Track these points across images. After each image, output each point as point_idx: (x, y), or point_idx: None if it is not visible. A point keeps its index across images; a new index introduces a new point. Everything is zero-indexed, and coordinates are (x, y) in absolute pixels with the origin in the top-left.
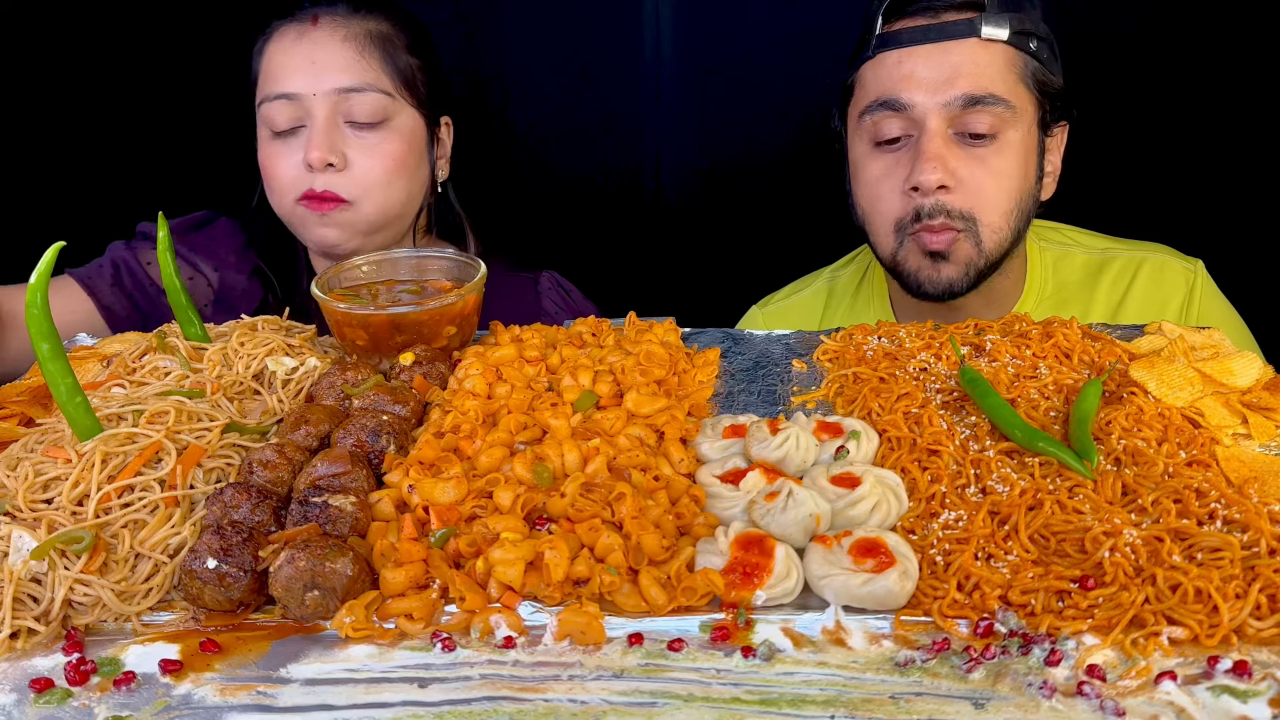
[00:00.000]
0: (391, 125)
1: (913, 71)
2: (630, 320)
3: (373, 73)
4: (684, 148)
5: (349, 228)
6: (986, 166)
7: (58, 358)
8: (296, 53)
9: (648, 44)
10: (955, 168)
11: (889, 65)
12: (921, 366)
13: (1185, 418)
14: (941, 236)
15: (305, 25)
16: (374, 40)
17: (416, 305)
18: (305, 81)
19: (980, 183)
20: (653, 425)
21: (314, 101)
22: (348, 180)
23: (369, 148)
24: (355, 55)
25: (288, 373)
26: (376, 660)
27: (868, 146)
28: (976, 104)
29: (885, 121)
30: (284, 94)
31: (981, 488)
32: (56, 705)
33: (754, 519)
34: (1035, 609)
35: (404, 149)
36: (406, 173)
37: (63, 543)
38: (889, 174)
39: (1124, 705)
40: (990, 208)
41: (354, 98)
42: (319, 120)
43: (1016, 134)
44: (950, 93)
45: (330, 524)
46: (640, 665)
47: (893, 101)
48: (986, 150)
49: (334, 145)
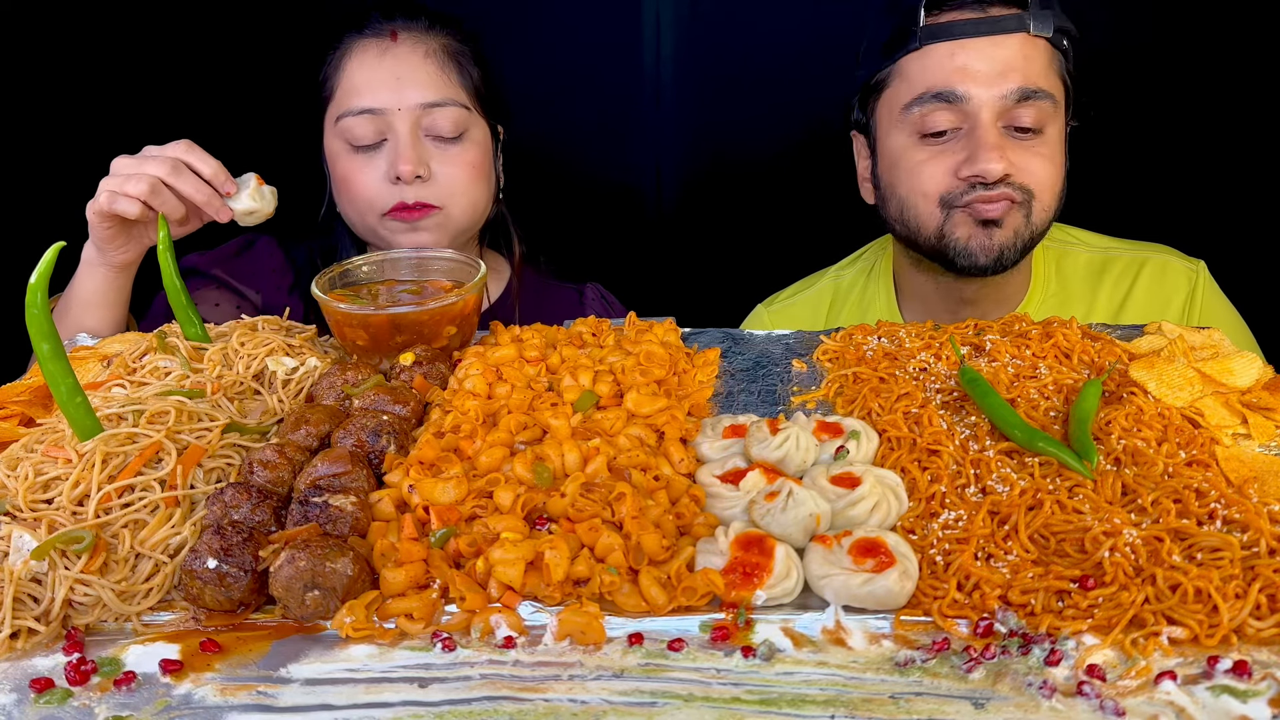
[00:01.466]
0: (469, 136)
1: (966, 64)
2: (630, 320)
3: (452, 88)
4: (684, 148)
5: (439, 230)
6: (1036, 155)
7: (58, 358)
8: (381, 68)
9: (647, 43)
10: (1013, 158)
11: (939, 57)
12: (921, 366)
13: (1185, 418)
14: (997, 205)
15: (385, 40)
16: (450, 55)
17: (416, 305)
18: (390, 97)
19: (1035, 169)
20: (653, 425)
21: (397, 116)
22: (434, 190)
23: (451, 158)
24: (437, 70)
25: (288, 373)
26: (376, 660)
27: (912, 138)
28: (1028, 98)
29: (935, 114)
30: (368, 109)
31: (981, 488)
32: (57, 705)
33: (754, 519)
34: (1035, 609)
35: (481, 157)
36: (484, 179)
37: (63, 543)
38: (935, 160)
39: (1124, 705)
40: (1045, 189)
41: (436, 112)
42: (403, 134)
43: (1054, 129)
44: (1005, 86)
45: (330, 524)
46: (640, 665)
47: (947, 93)
48: (1033, 142)
49: (421, 158)
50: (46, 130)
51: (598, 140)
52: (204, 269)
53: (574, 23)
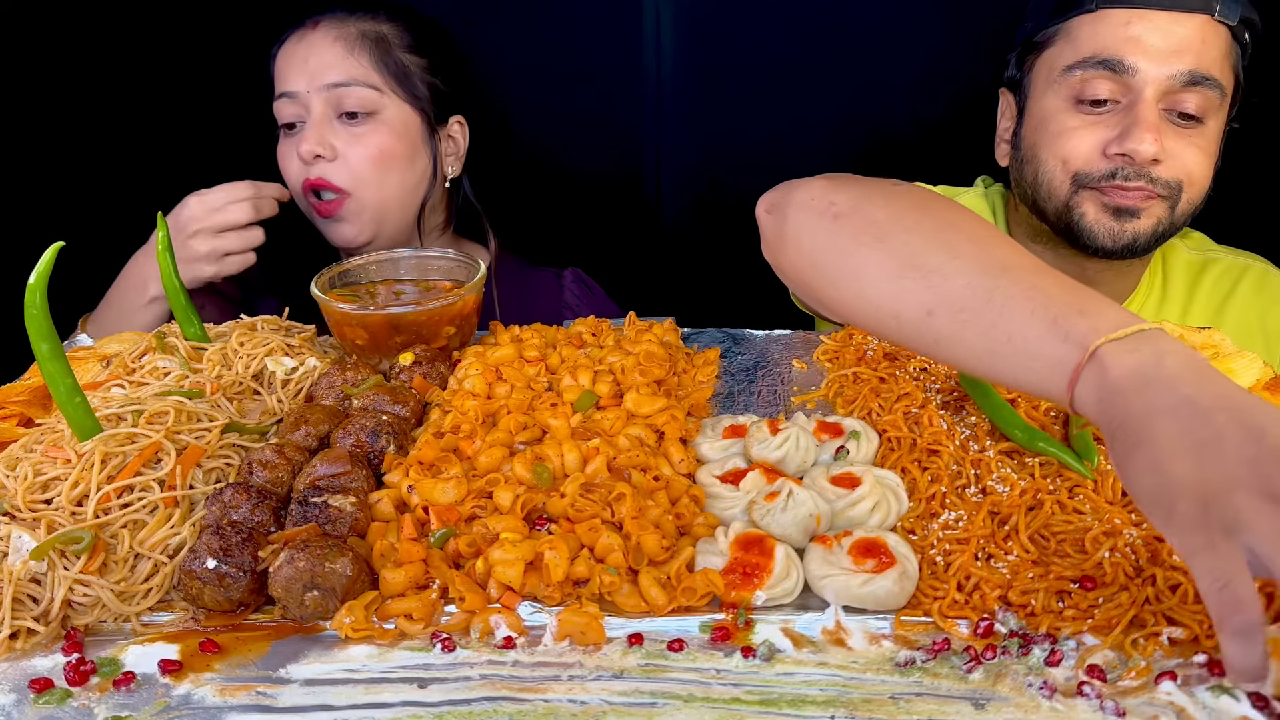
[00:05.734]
0: (380, 118)
1: (1140, 35)
2: (630, 320)
3: (361, 69)
4: (684, 147)
5: (355, 218)
6: (1194, 146)
7: (57, 358)
8: (296, 54)
9: (648, 41)
10: (1168, 144)
11: (1114, 24)
12: (921, 366)
13: None
14: (1133, 195)
15: (306, 30)
16: (365, 39)
17: (416, 305)
18: (301, 80)
19: (1189, 159)
20: (653, 425)
21: (310, 98)
22: (339, 169)
23: (356, 138)
24: (345, 53)
25: (287, 373)
26: (376, 660)
27: (1066, 103)
28: (1197, 84)
29: (1097, 81)
30: (285, 93)
31: (981, 488)
32: (56, 705)
33: (754, 519)
34: (1035, 609)
35: (392, 141)
36: (398, 164)
37: (62, 543)
38: (1087, 130)
39: (1124, 705)
40: (1195, 184)
41: (341, 92)
42: (312, 115)
43: (1217, 122)
44: (1177, 65)
45: (330, 524)
46: (640, 665)
47: (1114, 62)
48: (1192, 131)
49: (323, 138)
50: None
51: (597, 139)
52: None
53: (574, 22)
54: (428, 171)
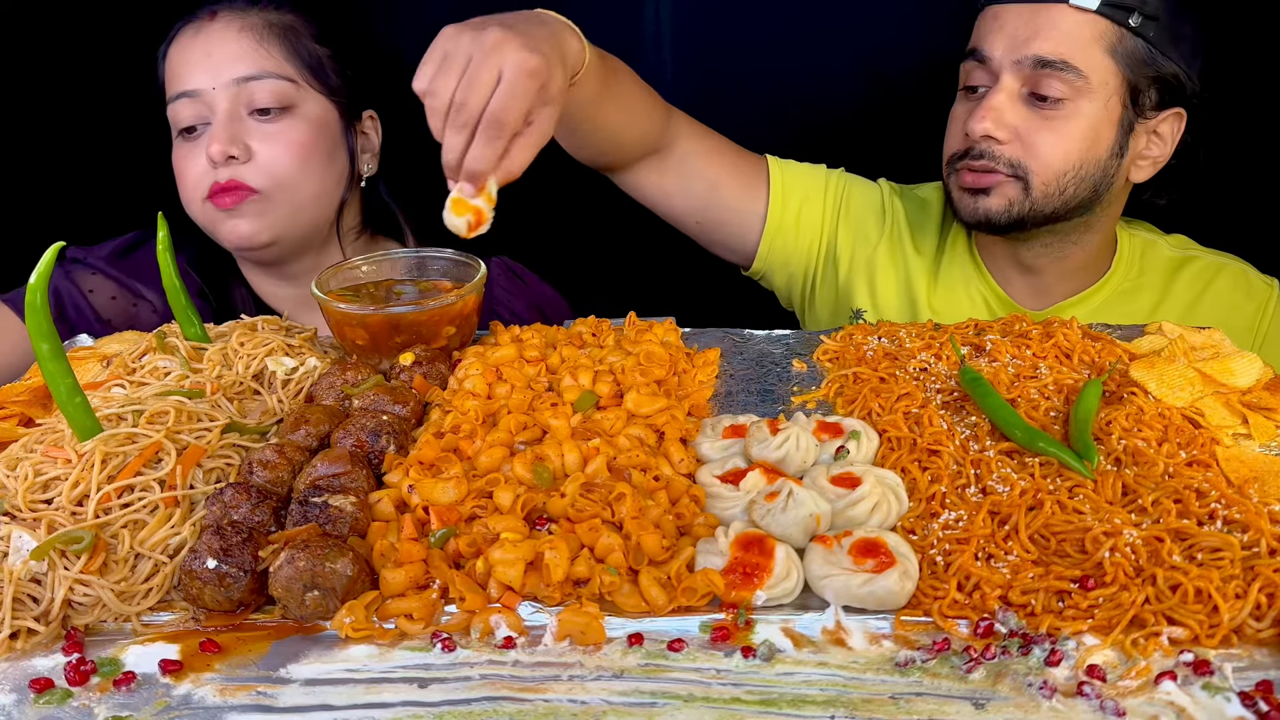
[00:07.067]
0: (297, 113)
1: (1000, 27)
2: (630, 320)
3: (273, 60)
4: None
5: (259, 219)
6: (1049, 127)
7: (58, 358)
8: (194, 48)
9: (648, 40)
10: (1015, 124)
11: (986, 18)
12: (921, 366)
13: (1185, 418)
14: (980, 177)
15: (203, 22)
16: (274, 29)
17: (416, 305)
18: (204, 76)
19: (1037, 141)
20: (653, 425)
21: (214, 95)
22: (254, 170)
23: (272, 135)
24: (253, 44)
25: (287, 373)
26: (376, 660)
27: (960, 94)
28: (1046, 67)
29: (973, 71)
30: (185, 92)
31: (982, 488)
32: (56, 705)
33: (754, 519)
34: (1035, 609)
35: (312, 136)
36: (318, 161)
37: (62, 543)
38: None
39: (1124, 705)
40: (1044, 166)
41: (253, 86)
42: (220, 113)
43: (1090, 105)
44: (1024, 52)
45: (330, 524)
46: (640, 665)
47: (980, 53)
48: (1054, 114)
49: (235, 137)
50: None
51: None
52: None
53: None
54: (346, 170)
